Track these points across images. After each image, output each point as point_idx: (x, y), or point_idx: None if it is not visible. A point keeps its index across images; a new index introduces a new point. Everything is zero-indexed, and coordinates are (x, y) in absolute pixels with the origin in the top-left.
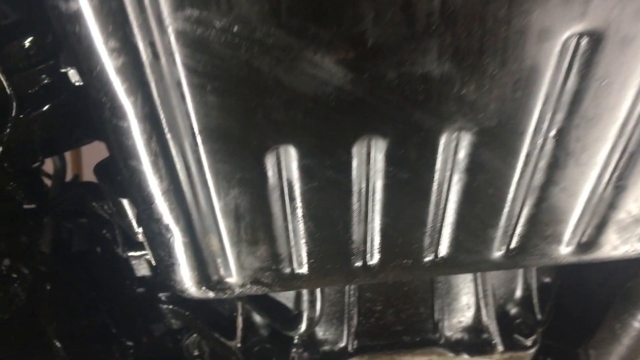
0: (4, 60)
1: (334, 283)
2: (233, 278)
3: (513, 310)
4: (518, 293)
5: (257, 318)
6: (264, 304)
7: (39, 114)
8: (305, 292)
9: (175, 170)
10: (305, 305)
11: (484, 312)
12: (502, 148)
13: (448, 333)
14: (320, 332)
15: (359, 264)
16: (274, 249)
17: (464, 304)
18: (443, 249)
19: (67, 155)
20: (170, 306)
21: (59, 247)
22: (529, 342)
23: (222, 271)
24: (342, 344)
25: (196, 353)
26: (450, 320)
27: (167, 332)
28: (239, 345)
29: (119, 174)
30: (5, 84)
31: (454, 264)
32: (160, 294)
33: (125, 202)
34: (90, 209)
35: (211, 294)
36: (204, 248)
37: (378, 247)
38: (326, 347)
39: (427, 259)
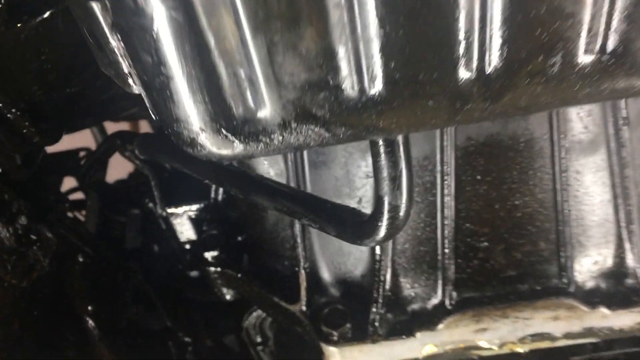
0: None
1: (430, 120)
2: (267, 109)
3: None
4: None
5: (325, 274)
6: (327, 210)
7: (39, 23)
8: (384, 163)
9: None
10: (385, 187)
11: (627, 247)
12: None
13: (579, 278)
14: (406, 285)
15: (469, 73)
16: (327, 37)
17: (601, 237)
18: (614, 32)
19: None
20: (219, 268)
21: (113, 244)
22: None
23: (249, 96)
24: (437, 299)
25: (259, 340)
26: (582, 261)
27: (233, 332)
28: (303, 308)
29: None
30: None
31: (632, 64)
32: (207, 254)
33: (96, 9)
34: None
35: (238, 146)
36: (213, 40)
37: (501, 29)
38: (415, 305)
39: (587, 57)
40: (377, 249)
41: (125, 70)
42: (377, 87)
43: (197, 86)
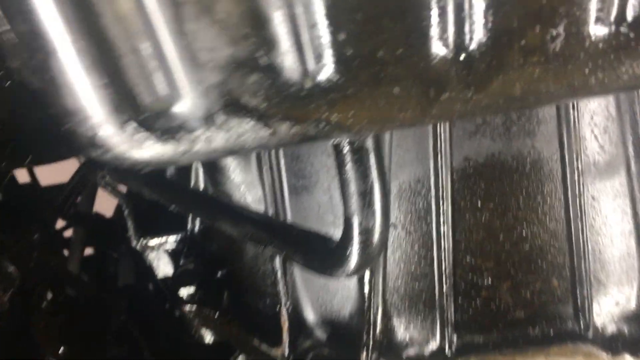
0: None
1: (397, 113)
2: (186, 97)
3: None
4: None
5: (310, 314)
6: (294, 236)
7: None
8: (350, 175)
9: None
10: (352, 204)
11: None
12: None
13: (599, 321)
14: (400, 327)
15: (445, 49)
16: None
17: (622, 273)
18: None
19: None
20: (194, 307)
21: (106, 281)
22: None
23: (160, 79)
24: (435, 344)
25: None
26: (601, 301)
27: None
28: (286, 353)
29: None
30: None
31: None
32: (182, 291)
33: None
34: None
35: (153, 146)
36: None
37: None
38: (411, 351)
39: (599, 29)
40: (366, 286)
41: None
42: (325, 68)
43: (89, 64)
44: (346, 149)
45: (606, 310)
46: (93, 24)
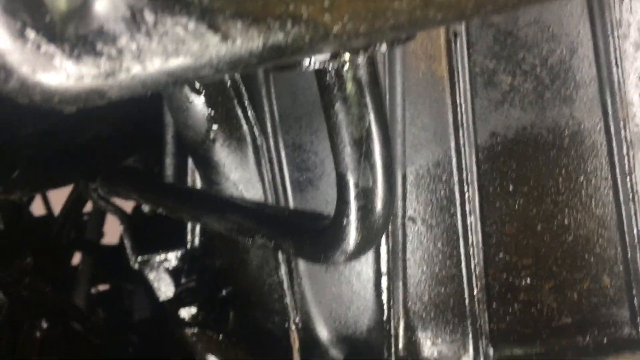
0: None
1: (387, 1)
2: None
3: None
4: None
5: (323, 331)
6: (284, 219)
7: None
8: (341, 118)
9: None
10: (345, 157)
11: None
12: None
13: None
14: (427, 341)
15: None
16: None
17: None
18: None
19: None
20: (196, 329)
21: (120, 317)
22: None
23: None
24: (468, 358)
25: None
26: None
27: None
28: None
29: None
30: None
31: None
32: (182, 312)
33: None
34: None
35: (66, 66)
36: None
37: None
38: None
39: None
40: (384, 293)
41: None
42: None
43: None
44: (333, 79)
45: None
46: None
